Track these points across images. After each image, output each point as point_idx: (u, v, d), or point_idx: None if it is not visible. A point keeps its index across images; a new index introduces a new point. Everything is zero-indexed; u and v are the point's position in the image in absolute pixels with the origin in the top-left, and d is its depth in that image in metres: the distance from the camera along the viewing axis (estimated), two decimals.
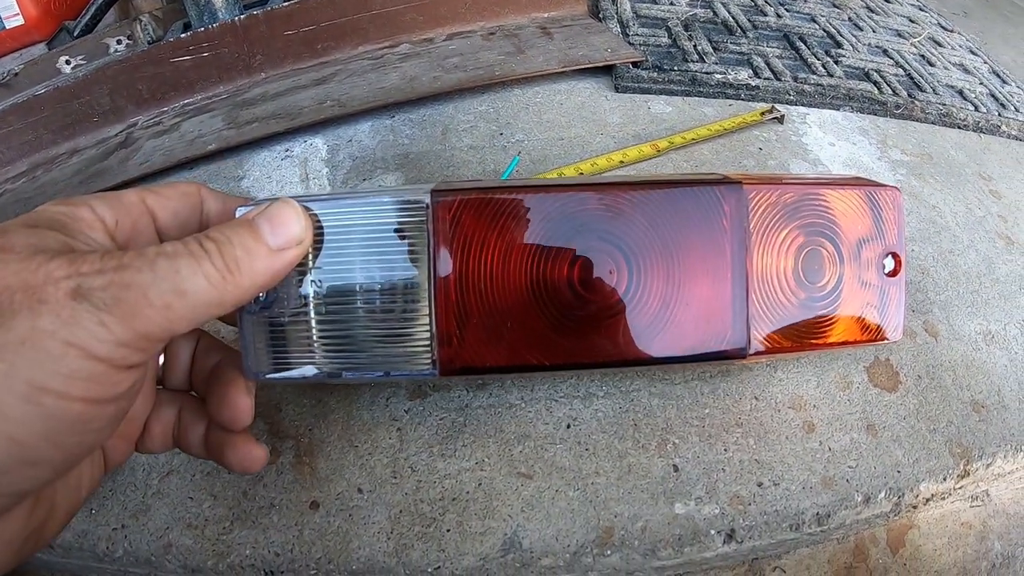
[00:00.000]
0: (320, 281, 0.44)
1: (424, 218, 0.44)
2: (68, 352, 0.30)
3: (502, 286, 0.46)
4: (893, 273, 0.52)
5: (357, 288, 0.45)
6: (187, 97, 0.92)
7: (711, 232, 0.47)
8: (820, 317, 0.51)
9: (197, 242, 0.34)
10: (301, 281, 0.44)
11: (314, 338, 0.45)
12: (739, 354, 0.49)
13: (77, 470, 0.38)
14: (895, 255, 0.52)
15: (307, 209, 0.41)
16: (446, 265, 0.45)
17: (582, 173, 0.76)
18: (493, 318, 0.46)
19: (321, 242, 0.44)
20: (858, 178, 0.53)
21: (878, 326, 0.53)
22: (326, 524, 0.50)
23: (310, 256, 0.44)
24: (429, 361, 0.46)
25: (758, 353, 0.50)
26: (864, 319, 0.52)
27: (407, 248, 0.44)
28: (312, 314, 0.45)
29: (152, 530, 0.50)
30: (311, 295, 0.44)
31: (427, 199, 0.44)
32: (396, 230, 0.44)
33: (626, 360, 0.49)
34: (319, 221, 0.43)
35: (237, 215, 0.41)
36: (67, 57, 1.04)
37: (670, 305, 0.48)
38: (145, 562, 0.49)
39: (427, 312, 0.45)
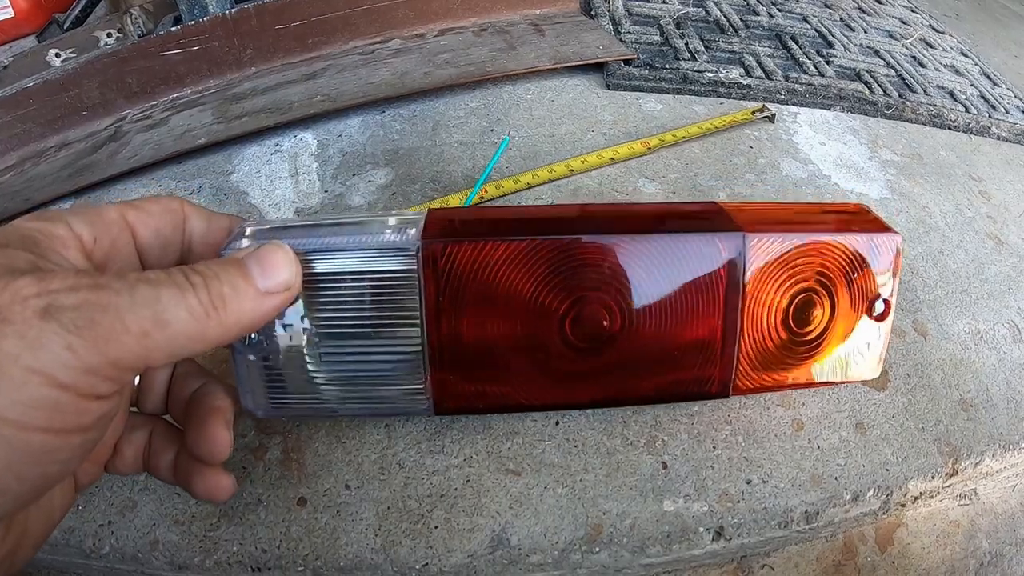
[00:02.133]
0: (312, 324, 0.44)
1: (414, 265, 0.43)
2: (30, 379, 0.27)
3: (495, 330, 0.46)
4: (881, 317, 0.51)
5: (350, 332, 0.45)
6: (177, 91, 0.92)
7: (707, 279, 0.46)
8: (804, 359, 0.51)
9: (182, 273, 0.32)
10: (292, 324, 0.44)
11: (309, 378, 0.46)
12: (721, 395, 0.51)
13: (49, 495, 0.36)
14: (886, 300, 0.51)
15: (297, 251, 0.40)
16: (438, 309, 0.44)
17: (572, 170, 0.76)
18: (486, 361, 0.47)
19: (312, 285, 0.43)
20: (859, 208, 0.52)
21: (858, 367, 0.53)
22: (313, 520, 0.50)
23: (301, 299, 0.43)
24: (424, 400, 0.47)
25: (738, 392, 0.51)
26: (846, 360, 0.52)
27: (398, 293, 0.44)
28: (306, 355, 0.45)
29: (139, 526, 0.49)
30: (304, 339, 0.44)
31: (416, 246, 0.43)
32: (386, 275, 0.43)
33: (615, 401, 0.51)
34: (311, 265, 0.42)
35: (225, 253, 0.40)
36: (57, 50, 1.03)
37: (660, 350, 0.48)
38: (132, 559, 0.49)
39: (420, 354, 0.45)
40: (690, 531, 0.50)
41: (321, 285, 0.43)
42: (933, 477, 0.56)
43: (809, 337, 0.50)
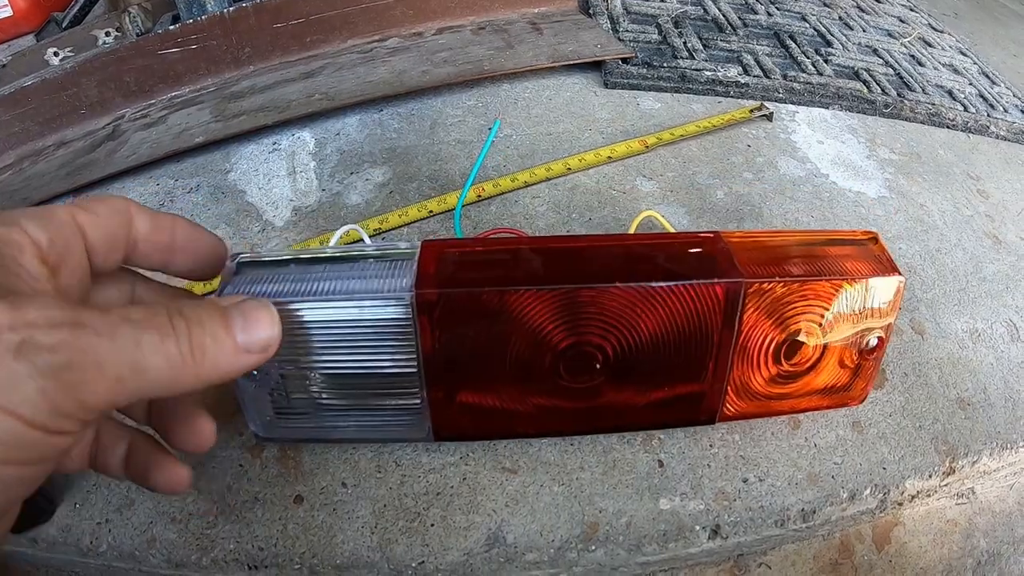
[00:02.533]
0: (313, 368, 0.45)
1: (409, 314, 0.43)
2: (9, 423, 0.26)
3: (491, 371, 0.47)
4: (873, 352, 0.51)
5: (352, 372, 0.45)
6: (175, 89, 0.92)
7: (703, 322, 0.46)
8: (793, 388, 0.51)
9: (167, 315, 0.31)
10: (296, 367, 0.45)
11: (313, 409, 0.47)
12: (708, 422, 0.51)
13: None
14: (880, 337, 0.50)
15: (289, 300, 0.41)
16: (434, 351, 0.45)
17: (570, 168, 0.76)
18: (482, 397, 0.48)
19: (309, 331, 0.43)
20: (870, 236, 0.52)
21: (845, 395, 0.53)
22: (310, 518, 0.50)
23: (306, 344, 0.44)
24: (423, 430, 0.48)
25: (724, 419, 0.51)
26: (834, 388, 0.52)
27: (395, 340, 0.44)
28: (309, 392, 0.46)
29: (136, 524, 0.49)
30: (307, 380, 0.46)
31: (410, 295, 0.43)
32: (381, 323, 0.44)
33: (606, 429, 0.53)
34: (306, 311, 0.43)
35: (225, 290, 0.41)
36: (55, 49, 1.03)
37: (651, 388, 0.49)
38: (129, 556, 0.49)
39: (419, 392, 0.46)
40: (686, 529, 0.50)
41: (318, 331, 0.44)
42: (930, 476, 0.55)
43: (799, 370, 0.50)
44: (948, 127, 0.95)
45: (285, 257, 0.45)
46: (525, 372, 0.46)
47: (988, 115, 0.97)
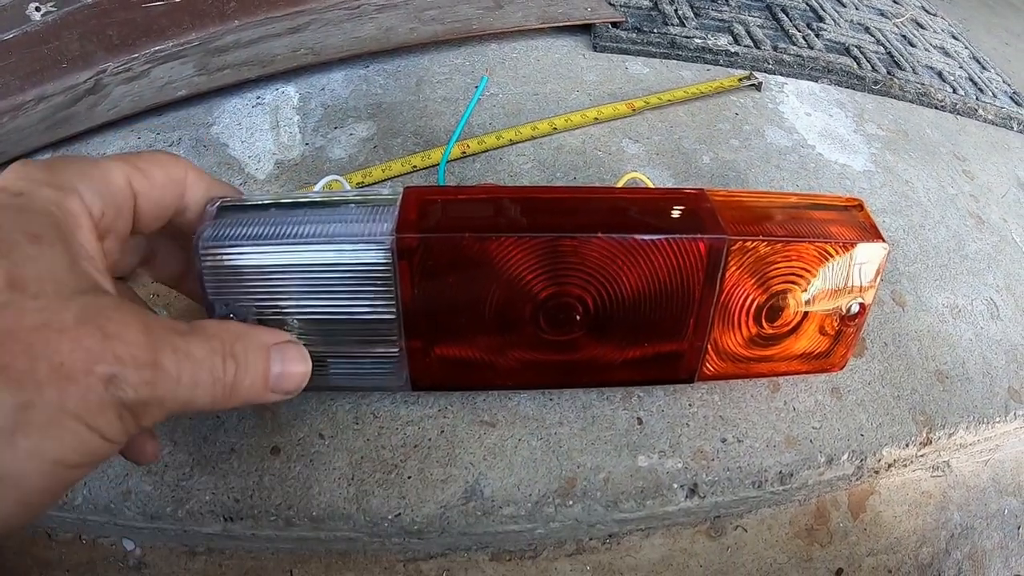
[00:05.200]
0: (293, 313, 0.44)
1: (389, 259, 0.43)
2: (91, 437, 0.30)
3: (470, 320, 0.46)
4: (855, 318, 0.51)
5: (330, 318, 0.45)
6: (158, 43, 0.90)
7: (686, 277, 0.46)
8: (773, 351, 0.51)
9: (221, 358, 0.35)
10: (274, 312, 0.44)
11: None
12: (687, 381, 0.51)
13: None
14: (863, 304, 0.50)
15: (268, 249, 0.42)
16: (413, 299, 0.44)
17: (556, 128, 0.76)
18: (461, 347, 0.47)
19: (288, 275, 0.43)
20: (855, 203, 0.51)
21: (825, 360, 0.53)
22: (286, 470, 0.49)
23: (284, 288, 0.44)
24: (401, 379, 0.48)
25: (703, 379, 0.51)
26: (814, 354, 0.52)
27: (374, 285, 0.44)
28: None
29: (111, 477, 0.49)
30: (285, 327, 0.45)
31: (390, 239, 0.42)
32: (361, 268, 0.43)
33: (584, 384, 0.53)
34: (286, 254, 0.42)
35: (199, 239, 0.41)
36: (36, 3, 1.01)
37: (631, 340, 0.48)
38: (104, 509, 0.49)
39: (398, 340, 0.46)
40: (664, 487, 0.50)
41: (297, 275, 0.43)
42: (907, 445, 0.56)
43: (779, 333, 0.50)
44: (936, 107, 0.95)
45: (266, 201, 0.44)
46: (505, 322, 0.46)
47: (977, 99, 0.98)
